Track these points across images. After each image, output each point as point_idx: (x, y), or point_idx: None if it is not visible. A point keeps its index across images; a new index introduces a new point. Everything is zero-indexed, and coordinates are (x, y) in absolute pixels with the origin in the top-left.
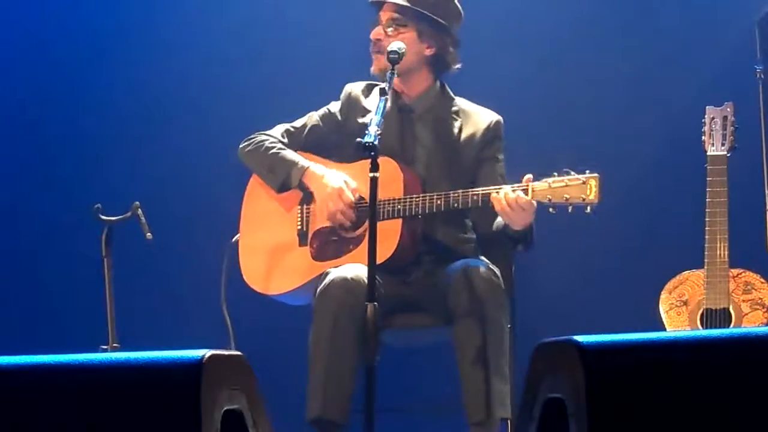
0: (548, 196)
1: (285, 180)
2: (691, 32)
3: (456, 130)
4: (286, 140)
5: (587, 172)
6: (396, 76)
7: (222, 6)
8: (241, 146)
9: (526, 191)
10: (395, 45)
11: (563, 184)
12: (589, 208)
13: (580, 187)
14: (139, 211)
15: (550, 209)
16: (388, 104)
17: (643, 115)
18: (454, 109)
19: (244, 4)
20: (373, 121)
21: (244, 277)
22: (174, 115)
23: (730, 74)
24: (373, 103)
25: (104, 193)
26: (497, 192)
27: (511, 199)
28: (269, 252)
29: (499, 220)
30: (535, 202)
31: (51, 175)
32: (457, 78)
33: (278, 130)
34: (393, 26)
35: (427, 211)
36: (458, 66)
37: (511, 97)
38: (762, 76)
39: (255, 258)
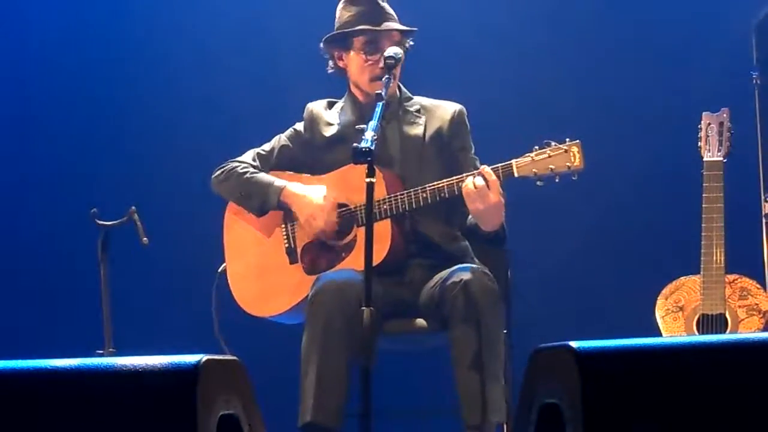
0: (533, 170)
1: (263, 202)
2: (687, 38)
3: (422, 128)
4: (257, 163)
5: (567, 140)
6: (392, 81)
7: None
8: (213, 176)
9: (510, 169)
10: (392, 50)
11: (546, 155)
12: (575, 175)
13: (563, 155)
14: (136, 216)
15: (538, 182)
16: (350, 114)
17: (639, 120)
18: (415, 107)
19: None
20: (369, 126)
21: (239, 302)
22: (171, 119)
23: (727, 80)
24: (334, 116)
25: (101, 197)
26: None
27: (477, 181)
28: (260, 275)
29: (471, 218)
30: (497, 181)
31: (48, 180)
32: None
33: (249, 155)
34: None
35: (414, 206)
36: None
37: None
38: (758, 82)
39: (246, 283)
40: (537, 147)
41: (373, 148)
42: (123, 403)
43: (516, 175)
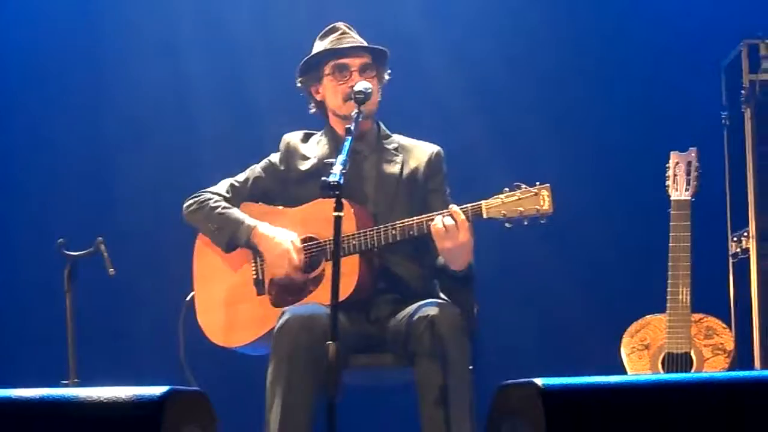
0: (502, 212)
1: (231, 239)
2: (657, 77)
3: (399, 167)
4: (230, 195)
5: (537, 183)
6: (362, 116)
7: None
8: (185, 205)
9: (479, 210)
10: (361, 85)
11: (516, 198)
12: (544, 219)
13: (532, 198)
14: (102, 247)
15: (507, 224)
16: (328, 148)
17: (607, 158)
18: (393, 146)
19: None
20: (338, 161)
21: (205, 332)
22: (140, 148)
23: (696, 119)
24: (310, 148)
25: (68, 227)
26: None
27: (447, 221)
28: (227, 305)
29: (440, 258)
30: (466, 221)
31: (15, 209)
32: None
33: (223, 186)
34: (366, 71)
35: (383, 242)
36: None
37: (476, 136)
38: (727, 122)
39: (213, 313)
40: (507, 189)
41: (341, 182)
42: None
43: (485, 216)
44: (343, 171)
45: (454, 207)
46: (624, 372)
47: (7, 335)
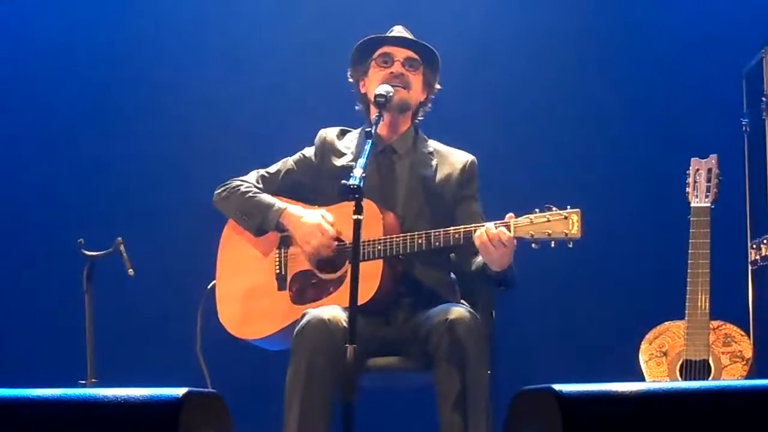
0: (530, 232)
1: (262, 223)
2: (678, 84)
3: (433, 171)
4: (260, 185)
5: (568, 207)
6: (382, 119)
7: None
8: (216, 192)
9: (508, 227)
10: (383, 88)
11: (545, 219)
12: (571, 243)
13: (562, 222)
14: (122, 247)
15: (533, 245)
16: (363, 143)
17: (628, 165)
18: (429, 150)
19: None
20: (358, 164)
21: (222, 321)
22: (159, 149)
23: (716, 126)
24: (346, 145)
25: (87, 227)
26: (478, 229)
27: (493, 234)
28: (247, 297)
29: (479, 260)
30: (515, 240)
31: (34, 209)
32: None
33: (252, 176)
34: (410, 64)
35: (408, 250)
36: (421, 117)
37: (500, 144)
38: (748, 129)
39: (232, 303)
40: (537, 210)
41: (361, 185)
42: None
43: (512, 234)
44: (363, 174)
45: (491, 228)
46: (642, 379)
47: (25, 335)
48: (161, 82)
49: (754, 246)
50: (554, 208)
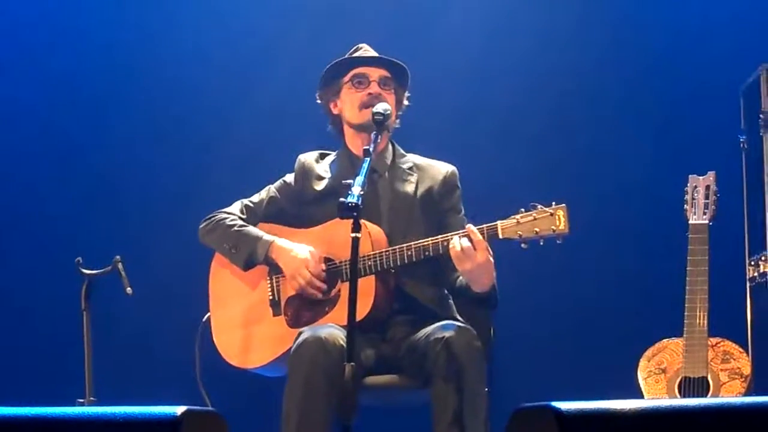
0: (518, 232)
1: (250, 256)
2: (675, 101)
3: (413, 186)
4: (245, 215)
5: (553, 203)
6: (380, 137)
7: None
8: (200, 227)
9: (495, 230)
10: (381, 107)
11: (531, 218)
12: (560, 239)
13: (548, 219)
14: (120, 266)
15: (523, 245)
16: (343, 168)
17: (626, 182)
18: (408, 165)
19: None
20: (356, 182)
21: (221, 354)
22: (158, 168)
23: (714, 143)
24: (325, 168)
25: (86, 246)
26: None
27: (464, 242)
28: (243, 326)
29: (461, 279)
30: (483, 240)
31: (33, 227)
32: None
33: (236, 207)
34: (384, 83)
35: (399, 263)
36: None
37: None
38: (745, 146)
39: (229, 334)
40: (523, 209)
41: (359, 203)
42: None
43: (500, 236)
44: (362, 192)
45: (471, 227)
46: (640, 396)
47: (23, 353)
48: (163, 103)
49: (753, 263)
50: (539, 206)
